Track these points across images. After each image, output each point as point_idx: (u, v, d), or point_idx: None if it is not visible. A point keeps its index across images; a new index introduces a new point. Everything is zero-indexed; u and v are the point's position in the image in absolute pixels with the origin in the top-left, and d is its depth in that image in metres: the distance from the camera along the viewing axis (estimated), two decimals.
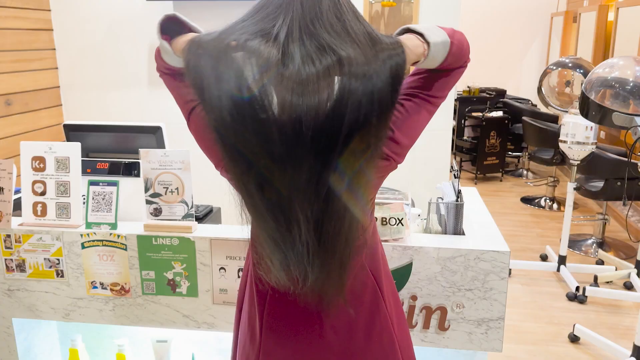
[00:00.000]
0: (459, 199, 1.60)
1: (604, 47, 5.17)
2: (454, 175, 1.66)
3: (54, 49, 3.34)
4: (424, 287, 1.51)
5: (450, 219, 1.60)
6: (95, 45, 3.31)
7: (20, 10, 3.06)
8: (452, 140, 6.16)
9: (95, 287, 1.65)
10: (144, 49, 3.27)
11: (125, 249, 1.60)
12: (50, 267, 1.66)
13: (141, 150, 1.58)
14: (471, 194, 2.00)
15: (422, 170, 3.10)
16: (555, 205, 5.03)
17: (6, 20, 2.96)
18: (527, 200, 5.23)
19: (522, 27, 6.90)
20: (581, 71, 3.64)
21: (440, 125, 3.07)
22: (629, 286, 3.40)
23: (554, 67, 3.78)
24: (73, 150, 1.63)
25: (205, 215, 1.95)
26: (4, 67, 2.96)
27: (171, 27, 1.09)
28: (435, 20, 2.93)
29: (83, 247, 1.62)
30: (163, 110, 3.33)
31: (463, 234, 1.59)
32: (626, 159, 3.50)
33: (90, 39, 3.31)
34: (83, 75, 3.37)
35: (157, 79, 3.29)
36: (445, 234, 1.61)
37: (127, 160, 1.79)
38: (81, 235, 1.61)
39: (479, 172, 5.90)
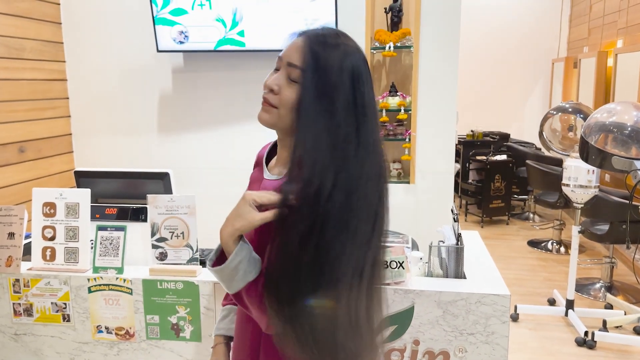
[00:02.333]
0: (459, 243, 1.62)
1: (604, 92, 5.27)
2: (454, 218, 1.69)
3: (67, 98, 3.46)
4: (426, 332, 1.52)
5: (451, 262, 1.62)
6: (106, 94, 3.43)
7: (37, 62, 3.19)
8: (457, 183, 6.20)
9: (100, 332, 1.67)
10: (155, 97, 3.38)
11: (131, 293, 1.63)
12: (57, 311, 1.68)
13: (149, 196, 1.63)
14: (473, 237, 2.02)
15: (425, 212, 3.12)
16: (562, 249, 5.01)
17: (23, 71, 3.09)
18: (533, 243, 5.21)
19: (524, 72, 7.04)
20: (581, 116, 3.70)
21: (442, 167, 3.12)
22: (638, 331, 3.34)
23: (555, 112, 3.85)
24: (83, 197, 1.68)
25: None
26: (19, 115, 3.07)
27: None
28: (435, 68, 3.03)
29: (90, 291, 1.65)
30: (172, 156, 3.41)
31: (464, 277, 1.61)
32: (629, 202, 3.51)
33: (102, 88, 3.43)
34: (94, 123, 3.48)
35: (166, 126, 3.40)
36: (447, 277, 1.63)
37: (134, 206, 1.84)
38: (88, 279, 1.65)
39: (485, 215, 5.90)
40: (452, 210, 1.77)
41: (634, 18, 4.66)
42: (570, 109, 3.80)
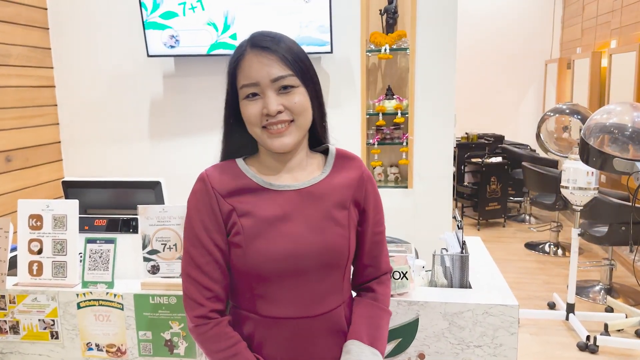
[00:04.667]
0: (463, 251, 1.57)
1: (599, 93, 5.24)
2: (457, 225, 1.64)
3: (56, 105, 3.38)
4: (432, 345, 1.45)
5: (455, 271, 1.56)
6: (96, 100, 3.35)
7: (24, 68, 3.11)
8: (453, 186, 6.15)
9: (90, 349, 1.59)
10: (146, 103, 3.31)
11: (122, 309, 1.56)
12: (45, 328, 1.60)
13: (139, 207, 1.56)
14: (475, 243, 1.97)
15: (425, 216, 3.07)
16: (559, 251, 4.97)
17: (9, 78, 3.01)
18: (531, 246, 5.16)
19: (517, 74, 7.02)
20: (579, 117, 3.67)
21: (440, 172, 3.07)
22: None
23: (552, 114, 3.81)
24: (71, 208, 1.61)
25: None
26: (6, 123, 2.99)
27: None
28: (432, 70, 2.98)
29: (79, 307, 1.58)
30: (164, 164, 3.34)
31: (469, 287, 1.55)
32: (629, 204, 3.47)
33: (91, 95, 3.35)
34: (84, 131, 3.40)
35: (158, 132, 3.32)
36: (452, 287, 1.57)
37: (125, 217, 1.77)
38: (77, 295, 1.57)
39: (481, 218, 5.86)
40: (454, 217, 1.71)
41: (627, 18, 4.64)
42: (567, 110, 3.76)
